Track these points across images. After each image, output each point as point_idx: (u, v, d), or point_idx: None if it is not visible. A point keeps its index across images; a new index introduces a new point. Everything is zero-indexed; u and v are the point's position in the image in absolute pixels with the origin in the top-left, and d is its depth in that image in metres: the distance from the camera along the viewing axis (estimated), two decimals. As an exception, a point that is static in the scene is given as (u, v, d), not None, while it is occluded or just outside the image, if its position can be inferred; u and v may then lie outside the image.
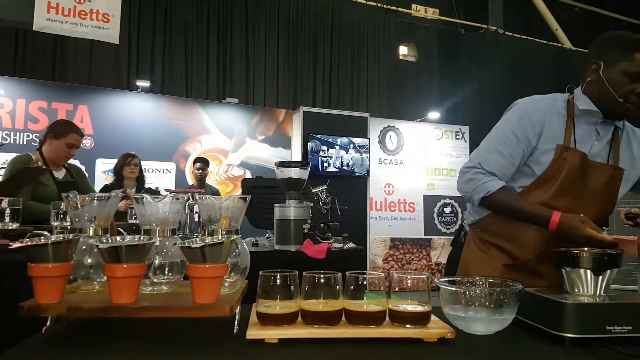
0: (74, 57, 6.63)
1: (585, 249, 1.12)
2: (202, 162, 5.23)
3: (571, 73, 10.01)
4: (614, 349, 0.90)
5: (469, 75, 9.38)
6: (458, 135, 7.29)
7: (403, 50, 9.44)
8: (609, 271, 1.07)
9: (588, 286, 1.08)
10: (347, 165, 6.27)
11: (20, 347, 0.90)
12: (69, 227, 1.57)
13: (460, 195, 1.70)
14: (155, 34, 7.16)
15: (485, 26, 9.54)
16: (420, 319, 0.97)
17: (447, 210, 6.99)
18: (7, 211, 1.91)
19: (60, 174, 3.11)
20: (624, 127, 1.64)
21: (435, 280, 1.05)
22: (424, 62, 9.50)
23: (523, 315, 1.06)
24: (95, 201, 1.06)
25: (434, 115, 8.55)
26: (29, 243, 0.89)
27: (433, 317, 1.02)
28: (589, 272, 1.07)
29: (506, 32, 9.73)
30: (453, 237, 1.89)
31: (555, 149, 1.52)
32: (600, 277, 1.07)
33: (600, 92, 1.52)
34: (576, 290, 1.08)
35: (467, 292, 0.99)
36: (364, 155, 6.36)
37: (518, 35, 9.93)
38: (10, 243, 0.90)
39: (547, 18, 10.35)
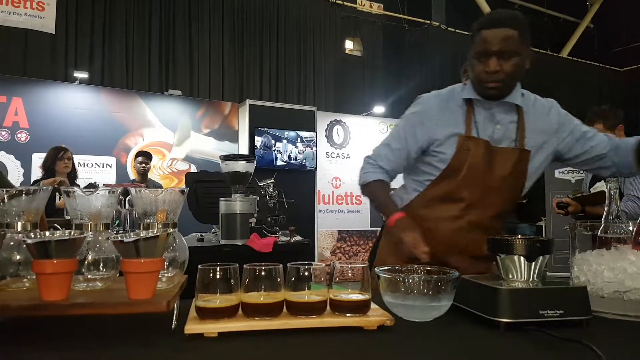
0: (7, 47, 6.25)
1: (519, 236, 1.16)
2: (144, 156, 5.08)
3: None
4: (546, 333, 0.94)
5: (413, 69, 9.58)
6: (403, 129, 7.43)
7: (349, 44, 9.51)
8: (541, 257, 1.11)
9: (522, 272, 1.11)
10: (295, 159, 6.27)
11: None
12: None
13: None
14: (94, 23, 6.85)
15: (428, 22, 9.75)
16: (360, 308, 0.98)
17: (393, 202, 7.12)
18: None
19: None
20: (530, 103, 1.60)
21: (375, 269, 1.06)
22: (369, 57, 9.61)
23: (460, 301, 1.09)
24: (24, 195, 1.01)
25: (379, 109, 8.67)
26: None
27: (373, 306, 1.03)
28: (522, 258, 1.10)
29: (448, 28, 10.00)
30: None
31: (457, 139, 1.52)
32: (533, 264, 1.11)
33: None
34: (510, 276, 1.12)
35: (406, 280, 1.01)
36: (312, 149, 6.38)
37: (460, 31, 10.21)
38: None
39: (487, 15, 10.70)
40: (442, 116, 1.57)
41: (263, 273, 0.96)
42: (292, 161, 6.25)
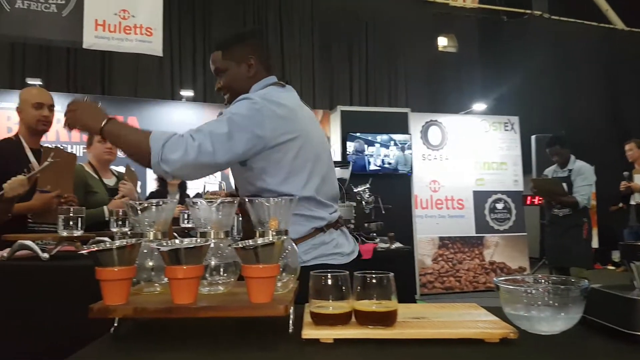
0: (119, 71, 6.87)
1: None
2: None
3: (623, 54, 9.56)
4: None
5: (513, 63, 9.10)
6: (507, 126, 6.93)
7: (442, 41, 9.28)
8: (683, 264, 1.00)
9: (661, 281, 1.01)
10: (389, 163, 6.14)
11: (90, 348, 0.93)
12: (128, 232, 1.64)
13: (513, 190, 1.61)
14: (196, 44, 7.33)
15: (529, 11, 9.24)
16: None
17: (500, 206, 6.64)
18: (74, 219, 1.95)
19: (110, 182, 3.20)
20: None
21: (494, 279, 1.01)
22: (465, 53, 9.31)
23: (590, 313, 1.00)
24: (154, 207, 1.10)
25: (479, 106, 8.34)
26: (96, 248, 0.93)
27: (493, 317, 0.98)
28: (661, 266, 1.00)
29: (552, 16, 9.39)
30: (507, 233, 1.81)
31: None
32: (675, 272, 1.00)
33: None
34: (648, 285, 1.02)
35: (529, 291, 0.94)
36: (406, 151, 6.23)
37: (565, 19, 9.56)
38: (76, 249, 0.95)
39: (596, -1, 9.91)
40: None
41: (374, 281, 0.96)
42: (386, 165, 6.12)
